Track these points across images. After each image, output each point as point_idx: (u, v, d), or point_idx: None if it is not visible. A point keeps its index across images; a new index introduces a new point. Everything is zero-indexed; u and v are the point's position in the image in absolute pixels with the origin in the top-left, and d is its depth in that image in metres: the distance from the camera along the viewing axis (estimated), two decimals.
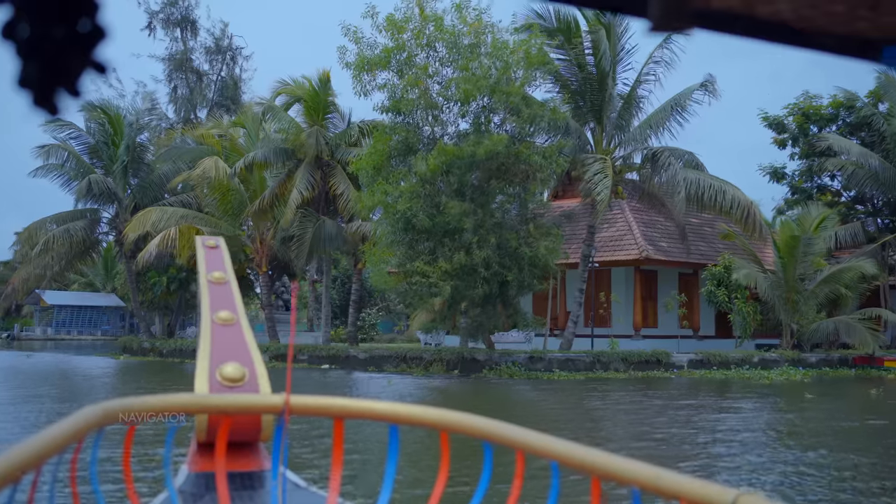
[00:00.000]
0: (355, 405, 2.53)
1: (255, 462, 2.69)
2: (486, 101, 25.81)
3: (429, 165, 24.61)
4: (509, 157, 24.91)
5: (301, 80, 33.98)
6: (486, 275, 24.61)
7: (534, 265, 25.71)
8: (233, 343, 2.81)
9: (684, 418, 16.90)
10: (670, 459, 11.36)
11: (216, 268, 3.09)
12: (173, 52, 49.92)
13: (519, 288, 25.70)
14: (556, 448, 1.98)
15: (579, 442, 2.01)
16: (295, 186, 31.81)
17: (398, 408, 2.47)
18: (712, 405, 19.93)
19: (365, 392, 23.88)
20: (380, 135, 27.09)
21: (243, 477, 2.61)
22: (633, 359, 29.40)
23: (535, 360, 28.47)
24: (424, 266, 24.83)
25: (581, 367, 28.74)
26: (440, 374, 28.56)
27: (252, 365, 2.76)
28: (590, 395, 22.65)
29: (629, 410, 18.81)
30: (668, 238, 35.90)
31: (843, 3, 0.80)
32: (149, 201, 39.58)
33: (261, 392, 2.67)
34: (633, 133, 29.99)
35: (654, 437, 14.10)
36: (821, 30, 0.85)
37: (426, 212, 24.97)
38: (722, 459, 11.64)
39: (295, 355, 33.62)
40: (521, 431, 2.15)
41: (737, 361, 30.64)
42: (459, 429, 2.34)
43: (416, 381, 26.50)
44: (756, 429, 15.27)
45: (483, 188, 25.53)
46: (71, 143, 40.38)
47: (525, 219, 26.25)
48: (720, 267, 32.85)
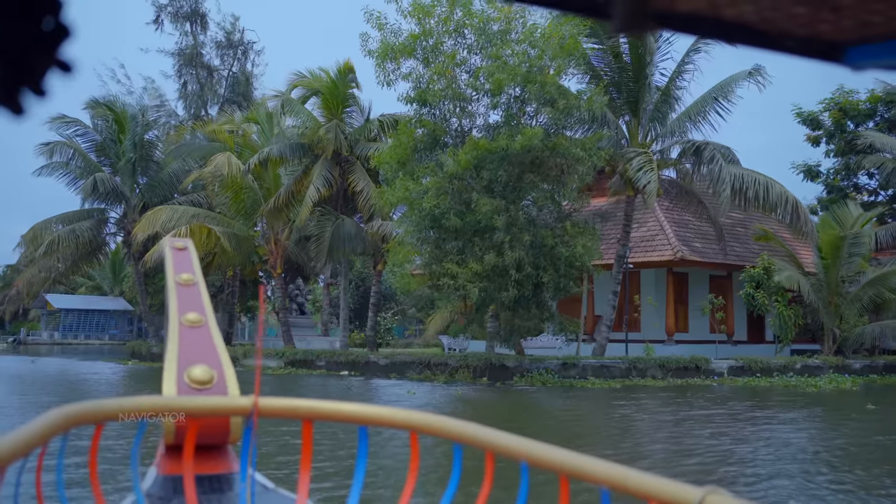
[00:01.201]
0: (323, 407, 2.51)
1: (223, 464, 2.68)
2: (518, 92, 24.17)
3: (459, 160, 22.98)
4: (545, 151, 23.26)
5: (318, 71, 32.37)
6: (517, 277, 22.94)
7: (570, 266, 24.05)
8: (201, 345, 2.79)
9: (741, 432, 15.26)
10: (741, 485, 9.72)
11: (184, 270, 3.05)
12: (183, 47, 48.36)
13: (555, 290, 24.03)
14: (525, 448, 1.99)
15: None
16: (312, 183, 30.21)
17: (366, 409, 2.47)
18: (768, 417, 18.25)
19: (383, 402, 22.27)
20: (404, 127, 25.48)
21: (212, 479, 2.60)
22: (671, 365, 27.74)
23: (569, 367, 26.82)
24: (453, 267, 23.16)
25: (616, 374, 27.10)
26: (466, 381, 26.95)
27: (220, 367, 2.73)
28: (629, 405, 21.05)
29: (675, 422, 17.12)
30: (701, 238, 34.28)
31: (806, 6, 0.80)
32: (158, 201, 38.03)
33: (229, 394, 2.64)
34: (670, 126, 28.31)
35: (708, 454, 12.46)
36: (784, 32, 0.84)
37: (455, 209, 23.34)
38: (816, 483, 9.96)
39: (312, 361, 32.07)
40: (490, 432, 2.15)
41: (779, 368, 28.97)
42: (428, 430, 2.34)
43: (440, 389, 24.86)
44: (833, 447, 13.57)
45: (515, 184, 23.87)
46: (77, 140, 38.88)
47: (561, 216, 24.58)
48: (759, 268, 31.14)
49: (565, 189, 24.18)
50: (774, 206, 27.54)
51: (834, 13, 0.81)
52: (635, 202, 28.35)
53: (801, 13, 0.82)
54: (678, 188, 30.11)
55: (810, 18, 0.83)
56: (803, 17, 0.83)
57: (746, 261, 33.50)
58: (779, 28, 0.85)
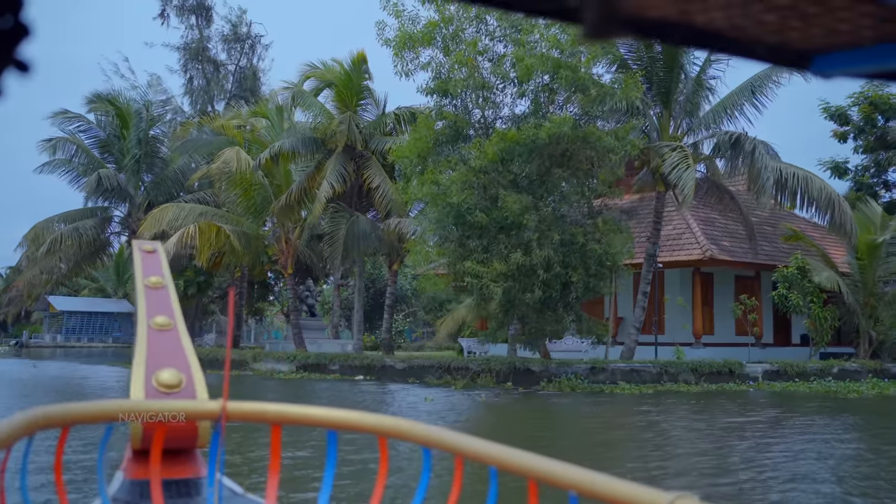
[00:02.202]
0: (292, 411, 2.49)
1: (191, 469, 2.65)
2: (546, 79, 22.81)
3: (485, 153, 21.62)
4: (575, 141, 21.89)
5: (332, 63, 30.99)
6: (545, 276, 21.57)
7: (601, 265, 22.69)
8: (169, 349, 2.76)
9: (792, 444, 13.90)
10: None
11: (153, 272, 3.02)
12: (188, 41, 46.96)
13: (584, 290, 22.65)
14: (494, 453, 1.99)
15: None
16: (325, 179, 28.86)
17: (335, 413, 2.46)
18: (816, 425, 16.89)
19: (397, 410, 20.97)
20: (424, 119, 24.13)
21: (179, 484, 2.58)
22: (704, 370, 26.37)
23: (597, 372, 25.46)
24: (476, 266, 21.78)
25: (647, 378, 25.74)
26: (489, 386, 25.60)
27: (189, 371, 2.71)
28: (664, 412, 19.72)
29: (715, 431, 15.74)
30: (729, 237, 32.92)
31: (775, 14, 0.81)
32: (163, 199, 36.70)
33: (198, 398, 2.62)
34: (703, 118, 26.91)
35: (758, 467, 11.12)
36: (754, 39, 0.85)
37: (480, 205, 21.99)
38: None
39: (325, 365, 30.72)
40: (459, 437, 2.16)
41: (816, 372, 27.60)
42: (398, 434, 2.34)
43: (462, 395, 23.50)
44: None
45: (543, 178, 22.51)
46: (80, 136, 37.58)
47: (591, 212, 23.21)
48: (792, 268, 29.74)
49: (599, 182, 22.79)
50: (814, 202, 26.12)
51: (802, 21, 0.81)
52: (665, 199, 27.00)
53: (770, 21, 0.82)
54: (708, 184, 28.71)
55: (779, 26, 0.83)
56: (773, 24, 0.82)
57: (776, 260, 32.12)
58: (749, 35, 0.84)
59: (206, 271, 36.44)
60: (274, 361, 32.49)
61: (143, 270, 3.03)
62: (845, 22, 0.81)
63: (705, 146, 27.50)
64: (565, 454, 12.01)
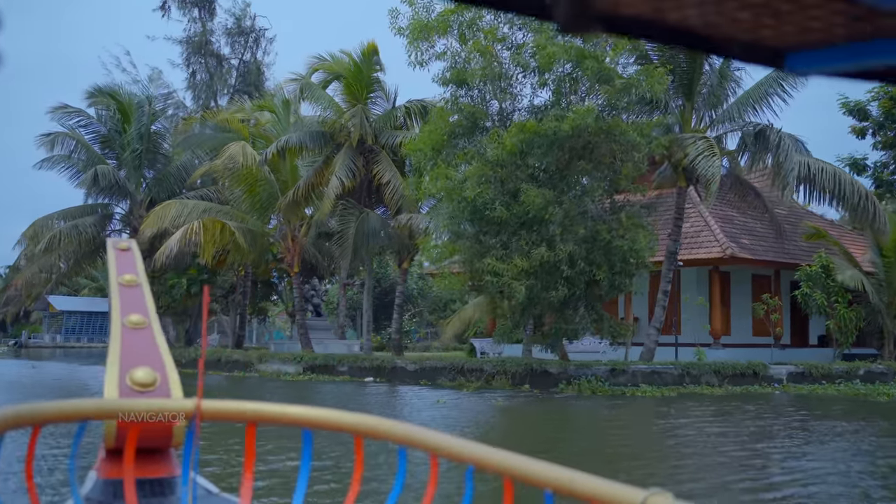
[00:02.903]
0: (267, 409, 2.48)
1: (165, 468, 2.64)
2: (569, 69, 21.85)
3: (504, 145, 20.66)
4: (598, 134, 20.94)
5: (340, 55, 29.97)
6: (569, 273, 20.62)
7: (625, 261, 21.74)
8: (144, 347, 2.74)
9: (832, 451, 12.99)
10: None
11: (127, 270, 3.00)
12: (191, 35, 45.93)
13: (609, 288, 21.70)
14: (470, 451, 1.99)
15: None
16: (334, 174, 27.88)
17: (312, 412, 2.45)
18: (851, 431, 15.94)
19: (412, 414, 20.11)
20: (440, 110, 23.19)
21: (153, 483, 2.58)
22: (727, 371, 25.45)
23: (618, 374, 24.52)
24: (496, 263, 20.80)
25: (668, 380, 24.81)
26: (505, 389, 24.66)
27: (164, 369, 2.68)
28: (691, 416, 18.78)
29: (747, 437, 14.79)
30: (748, 235, 31.97)
31: (748, 11, 0.82)
32: (165, 196, 35.69)
33: (172, 397, 2.60)
34: (727, 111, 25.95)
35: (798, 481, 10.21)
36: (727, 37, 0.86)
37: (499, 199, 21.03)
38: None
39: (334, 366, 29.76)
40: (436, 436, 2.15)
41: (842, 374, 26.65)
42: (375, 434, 2.34)
43: (477, 398, 22.56)
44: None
45: (564, 171, 21.56)
46: (80, 131, 36.55)
47: (615, 207, 22.25)
48: (815, 266, 28.78)
49: (619, 177, 21.83)
50: (845, 198, 25.16)
51: (775, 19, 0.82)
52: (686, 194, 26.07)
53: (743, 18, 0.82)
54: (731, 179, 27.75)
55: (753, 24, 0.83)
56: (746, 22, 0.83)
57: (796, 259, 31.17)
58: (722, 33, 0.85)
59: (210, 270, 35.42)
60: (280, 362, 31.52)
61: (117, 268, 3.01)
62: (818, 20, 0.81)
63: (729, 141, 26.55)
64: (592, 465, 10.93)
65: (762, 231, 32.90)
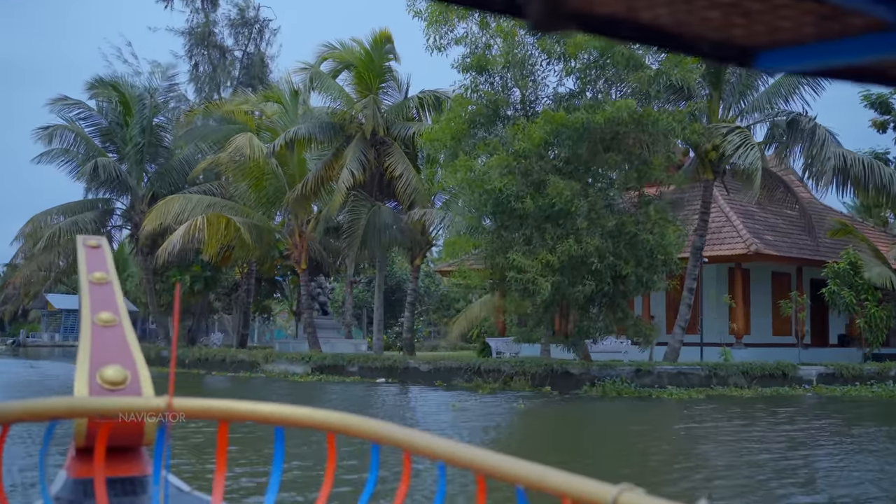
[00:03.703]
0: (239, 407, 2.47)
1: (136, 467, 2.66)
2: (595, 55, 20.79)
3: (530, 135, 19.58)
4: (627, 124, 19.88)
5: (351, 43, 28.85)
6: (599, 267, 19.55)
7: (652, 257, 20.69)
8: (114, 345, 2.74)
9: (879, 456, 11.96)
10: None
11: (98, 268, 3.00)
12: (193, 25, 44.73)
13: (636, 285, 20.64)
14: (442, 448, 2.00)
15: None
16: (345, 166, 26.79)
17: (283, 409, 2.42)
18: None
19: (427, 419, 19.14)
20: (459, 97, 22.12)
21: (124, 482, 2.58)
22: (755, 372, 24.40)
23: (643, 375, 23.48)
24: (521, 258, 19.71)
25: (695, 382, 23.78)
26: (525, 390, 23.62)
27: (134, 367, 2.69)
28: (725, 419, 17.85)
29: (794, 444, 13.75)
30: (771, 230, 30.94)
31: (718, 10, 0.83)
32: (167, 191, 34.57)
33: (143, 395, 2.61)
34: (756, 100, 24.87)
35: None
36: (698, 35, 0.87)
37: (523, 192, 19.97)
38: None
39: (343, 366, 28.69)
40: (407, 432, 2.14)
41: (873, 375, 25.59)
42: (346, 430, 2.33)
43: (496, 401, 21.51)
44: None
45: (589, 163, 20.51)
46: (80, 123, 35.42)
47: (643, 200, 21.17)
48: (843, 263, 27.74)
49: (650, 168, 20.76)
50: (885, 191, 24.07)
51: (745, 18, 0.83)
52: (712, 187, 25.02)
53: (714, 17, 0.83)
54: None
55: (723, 23, 0.84)
56: (716, 21, 0.84)
57: (820, 255, 30.13)
58: (693, 32, 0.86)
59: (214, 266, 34.30)
60: (287, 363, 30.44)
61: (88, 266, 3.01)
62: (787, 19, 0.82)
63: (757, 132, 25.48)
64: (627, 473, 9.40)
65: (784, 227, 31.89)
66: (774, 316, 32.14)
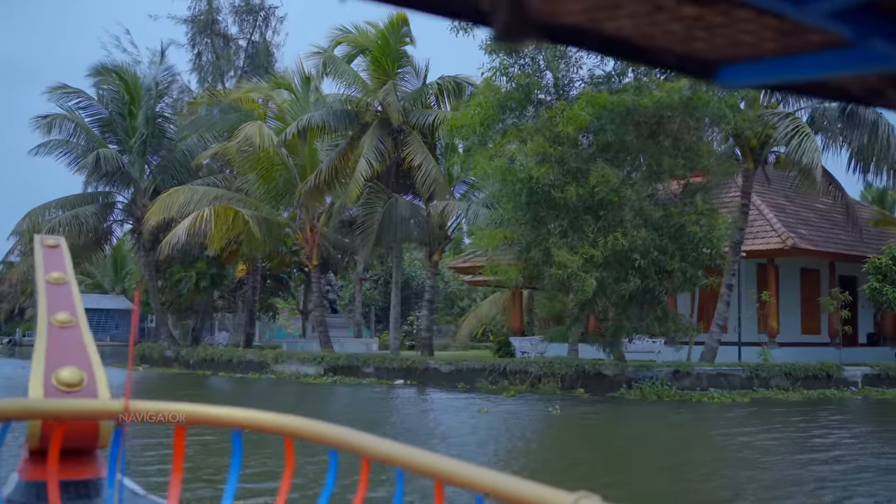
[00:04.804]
0: (197, 411, 2.46)
1: (90, 470, 2.61)
2: None
3: (573, 119, 18.12)
4: (675, 108, 18.44)
5: (365, 26, 27.35)
6: (643, 262, 18.12)
7: (697, 250, 19.27)
8: (71, 346, 2.71)
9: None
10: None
11: (55, 268, 2.97)
12: (196, 13, 43.20)
13: (683, 281, 19.21)
14: (400, 454, 1.97)
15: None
16: (362, 155, 25.29)
17: (239, 413, 2.41)
18: None
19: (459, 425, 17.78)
20: (488, 81, 20.67)
21: (78, 485, 2.54)
22: (798, 373, 22.99)
23: (681, 376, 22.06)
24: (563, 253, 18.22)
25: (735, 383, 22.37)
26: (555, 393, 22.20)
27: (91, 369, 2.66)
28: (780, 426, 16.45)
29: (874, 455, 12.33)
30: (804, 224, 29.51)
31: (681, 23, 0.83)
32: (170, 184, 33.04)
33: (99, 397, 2.58)
34: None
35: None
36: (661, 48, 0.88)
37: (560, 181, 18.52)
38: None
39: (358, 367, 27.24)
40: (365, 438, 2.13)
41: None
42: (303, 435, 2.31)
43: (527, 404, 20.10)
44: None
45: (631, 150, 19.08)
46: (80, 113, 33.89)
47: (689, 189, 19.74)
48: (885, 259, 26.34)
49: (696, 156, 19.31)
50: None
51: (707, 32, 0.84)
52: (753, 177, 23.61)
53: (676, 31, 0.84)
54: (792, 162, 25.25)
55: (685, 36, 0.85)
56: (679, 34, 0.84)
57: (855, 250, 28.73)
58: (656, 44, 0.86)
59: (221, 263, 32.77)
60: (298, 363, 28.95)
61: (45, 266, 2.96)
62: (749, 34, 0.83)
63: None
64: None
65: (816, 221, 30.53)
66: (803, 314, 30.82)
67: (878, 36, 0.78)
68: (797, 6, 0.75)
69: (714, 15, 0.80)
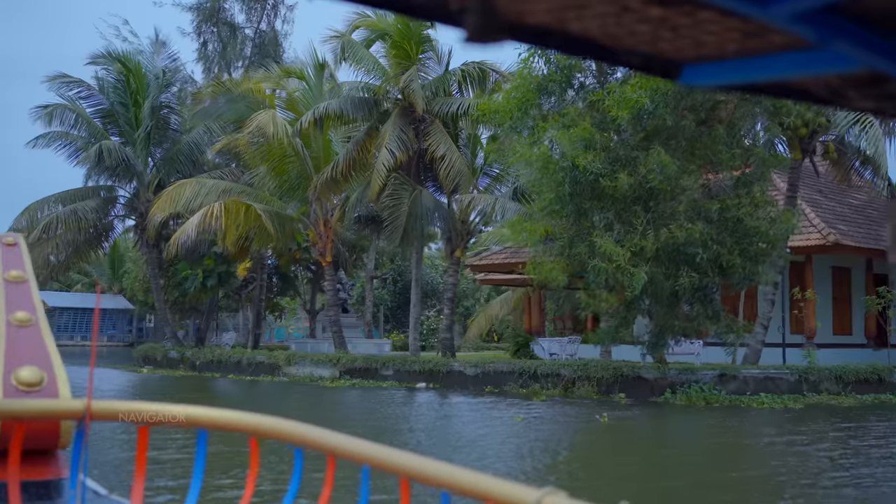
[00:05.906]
0: (159, 410, 2.40)
1: (52, 470, 2.58)
2: None
3: (624, 102, 16.73)
4: (734, 93, 17.04)
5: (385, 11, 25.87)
6: (703, 256, 16.72)
7: (755, 245, 17.90)
8: (30, 345, 2.67)
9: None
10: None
11: (14, 266, 2.91)
12: (202, 1, 41.73)
13: (742, 278, 17.82)
14: (366, 451, 1.95)
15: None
16: (384, 145, 23.88)
17: (203, 412, 2.37)
18: None
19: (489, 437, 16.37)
20: (525, 62, 19.26)
21: (39, 486, 2.51)
22: (849, 377, 21.64)
23: (727, 380, 20.67)
24: (610, 245, 16.82)
25: (783, 387, 21.03)
26: (591, 398, 20.83)
27: (51, 368, 2.62)
28: (851, 437, 14.99)
29: None
30: (841, 220, 28.17)
31: (647, 24, 0.85)
32: (175, 177, 31.57)
33: (60, 397, 2.55)
34: None
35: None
36: (627, 48, 0.89)
37: (607, 169, 17.11)
38: None
39: (377, 369, 25.82)
40: (331, 435, 2.10)
41: None
42: (268, 433, 2.27)
43: (564, 412, 18.67)
44: None
45: (684, 136, 17.69)
46: (81, 103, 32.38)
47: (745, 179, 18.34)
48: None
49: (753, 144, 17.94)
50: None
51: (672, 32, 0.85)
52: (801, 168, 22.28)
53: (642, 31, 0.85)
54: (840, 152, 23.93)
55: (651, 37, 0.86)
56: (644, 34, 0.86)
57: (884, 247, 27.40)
58: (622, 44, 0.88)
59: (229, 260, 31.27)
60: (312, 365, 27.49)
61: (3, 264, 2.90)
62: (713, 35, 0.84)
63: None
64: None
65: (852, 216, 29.25)
66: (835, 313, 29.54)
67: (840, 38, 0.78)
68: (761, 8, 0.75)
69: (679, 16, 0.80)
